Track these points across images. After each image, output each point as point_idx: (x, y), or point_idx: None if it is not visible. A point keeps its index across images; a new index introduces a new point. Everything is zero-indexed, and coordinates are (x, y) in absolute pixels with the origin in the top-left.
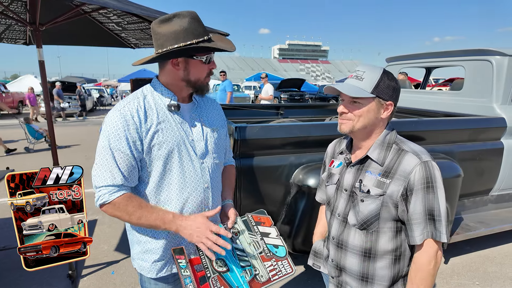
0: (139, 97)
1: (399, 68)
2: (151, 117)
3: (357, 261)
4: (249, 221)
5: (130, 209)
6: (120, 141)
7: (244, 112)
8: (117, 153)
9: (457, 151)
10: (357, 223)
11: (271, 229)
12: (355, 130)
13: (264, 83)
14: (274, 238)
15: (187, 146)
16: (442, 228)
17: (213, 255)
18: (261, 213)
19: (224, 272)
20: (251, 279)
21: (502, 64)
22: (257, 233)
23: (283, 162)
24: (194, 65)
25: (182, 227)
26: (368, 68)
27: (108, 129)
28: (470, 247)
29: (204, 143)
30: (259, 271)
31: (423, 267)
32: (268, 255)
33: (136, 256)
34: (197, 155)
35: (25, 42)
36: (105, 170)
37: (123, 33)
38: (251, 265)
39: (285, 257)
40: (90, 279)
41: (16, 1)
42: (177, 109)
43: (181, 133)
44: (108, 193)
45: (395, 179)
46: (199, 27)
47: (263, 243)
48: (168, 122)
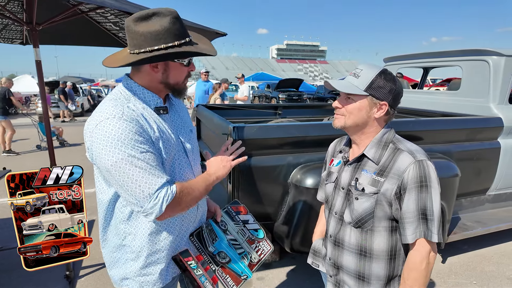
0: (124, 101)
1: (397, 68)
2: (153, 123)
3: (353, 259)
4: (230, 212)
5: (192, 186)
6: (138, 144)
7: (242, 112)
8: (146, 156)
9: (455, 150)
10: (352, 221)
11: (248, 216)
12: (346, 126)
13: (240, 83)
14: (252, 224)
15: (179, 147)
16: (434, 228)
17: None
18: (236, 203)
19: (228, 262)
20: (248, 263)
21: (499, 64)
22: (239, 222)
23: (281, 162)
24: (174, 67)
25: (214, 172)
26: (366, 67)
27: (117, 138)
28: (468, 246)
29: (191, 141)
30: (251, 254)
31: (415, 266)
32: (252, 239)
33: (133, 275)
34: (187, 156)
35: (22, 42)
36: (145, 174)
37: (120, 32)
38: (245, 251)
39: (264, 237)
40: (87, 279)
41: (13, 1)
42: (165, 112)
43: (173, 136)
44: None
45: (389, 177)
46: (180, 28)
47: (246, 229)
48: (161, 124)
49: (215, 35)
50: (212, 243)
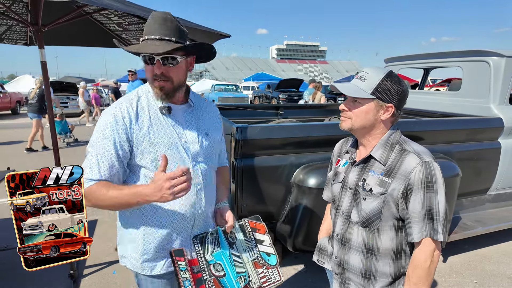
0: (133, 98)
1: (397, 69)
2: (143, 118)
3: (360, 258)
4: (245, 227)
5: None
6: (106, 140)
7: (243, 113)
8: (101, 151)
9: (455, 151)
10: (359, 221)
11: (265, 236)
12: (354, 128)
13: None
14: (267, 246)
15: (179, 148)
16: (439, 227)
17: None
18: (257, 219)
19: (221, 276)
20: (245, 285)
21: (499, 65)
22: (252, 239)
23: (283, 162)
24: (145, 65)
25: (147, 195)
26: (372, 70)
27: (98, 128)
28: (468, 245)
29: (199, 146)
30: (252, 278)
31: (420, 265)
32: (261, 262)
33: (128, 255)
34: (189, 157)
35: (26, 42)
36: (86, 165)
37: (123, 33)
38: (245, 271)
39: (276, 265)
40: (91, 278)
41: (18, 2)
42: (167, 112)
43: (173, 135)
44: (85, 184)
45: (397, 178)
46: (149, 26)
47: (257, 250)
48: (160, 124)
49: (219, 36)
50: (212, 251)
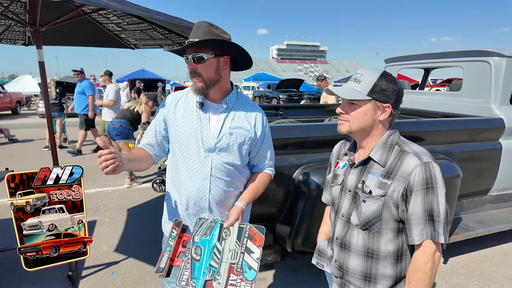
0: (183, 91)
1: (398, 69)
2: (180, 107)
3: (360, 261)
4: (244, 231)
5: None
6: (154, 118)
7: None
8: (151, 125)
9: (456, 151)
10: (359, 223)
11: (257, 249)
12: (352, 131)
13: (105, 83)
14: (253, 259)
15: (197, 138)
16: (440, 229)
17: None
18: (260, 230)
19: (196, 260)
20: (209, 279)
21: (500, 65)
22: (243, 245)
23: (283, 163)
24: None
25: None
26: (366, 71)
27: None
28: (469, 247)
29: (217, 140)
30: (220, 278)
31: (420, 267)
32: (238, 271)
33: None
34: (204, 148)
35: (24, 42)
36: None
37: (122, 33)
38: (217, 268)
39: (251, 281)
40: (90, 280)
41: (16, 2)
42: (200, 106)
43: (197, 126)
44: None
45: (396, 179)
46: (192, 32)
47: (241, 257)
48: (191, 115)
49: None
50: (202, 236)
